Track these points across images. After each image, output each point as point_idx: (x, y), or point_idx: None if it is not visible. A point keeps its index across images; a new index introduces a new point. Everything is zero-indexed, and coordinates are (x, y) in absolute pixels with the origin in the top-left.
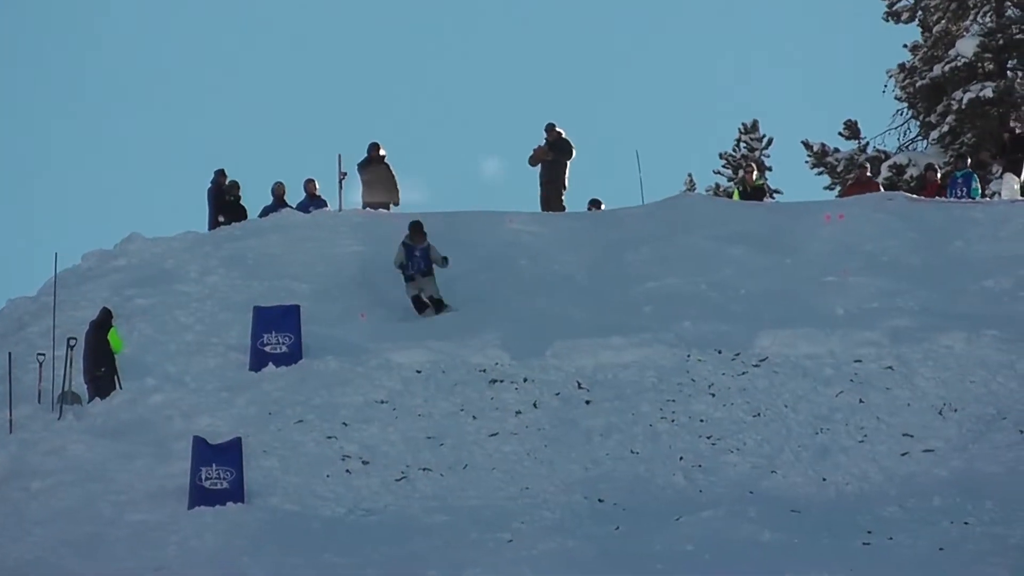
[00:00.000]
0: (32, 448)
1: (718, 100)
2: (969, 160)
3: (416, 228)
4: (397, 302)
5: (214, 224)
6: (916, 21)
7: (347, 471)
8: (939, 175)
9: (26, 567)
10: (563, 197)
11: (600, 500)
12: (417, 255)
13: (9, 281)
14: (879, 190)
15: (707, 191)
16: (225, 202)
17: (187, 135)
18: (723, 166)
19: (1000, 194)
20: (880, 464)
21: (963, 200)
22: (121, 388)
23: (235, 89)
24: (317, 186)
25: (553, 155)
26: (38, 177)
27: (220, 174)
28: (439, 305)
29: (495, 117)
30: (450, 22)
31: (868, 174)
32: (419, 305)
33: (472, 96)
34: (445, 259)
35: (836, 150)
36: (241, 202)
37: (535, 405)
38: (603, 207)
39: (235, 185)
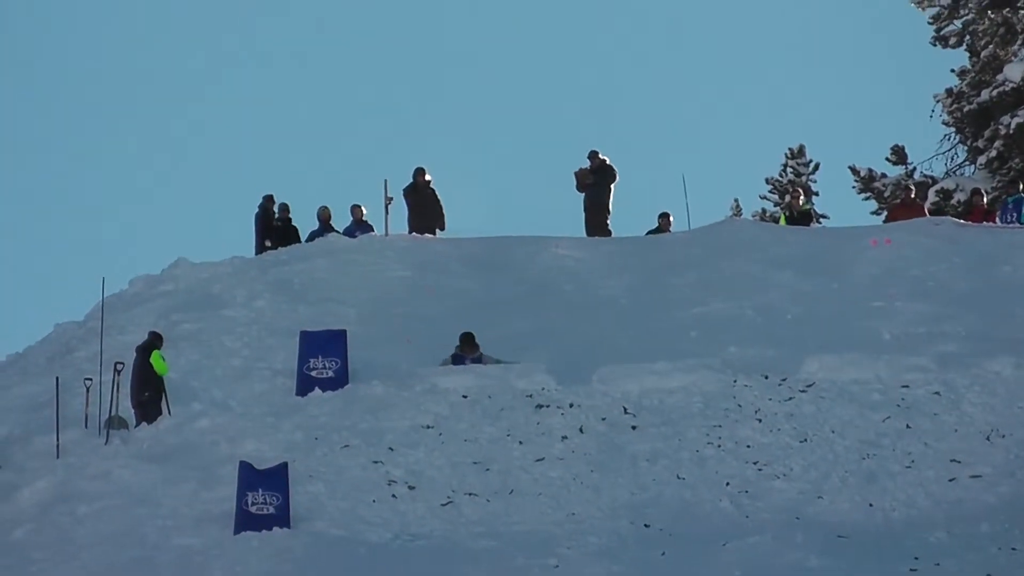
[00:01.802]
0: (79, 473)
1: (765, 125)
2: (1021, 185)
3: (467, 340)
4: (443, 327)
5: (261, 249)
6: (964, 46)
7: (393, 496)
8: (986, 200)
9: None
10: (608, 222)
11: (646, 525)
12: (467, 364)
13: (57, 306)
14: (924, 212)
15: (753, 216)
16: (273, 227)
17: (234, 160)
18: (769, 191)
19: None
20: (927, 490)
21: (1012, 226)
22: (170, 414)
23: (282, 114)
24: (364, 211)
25: (596, 179)
26: (86, 202)
27: (268, 199)
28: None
29: (541, 142)
30: (495, 50)
31: (913, 196)
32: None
33: (518, 121)
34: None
35: (883, 175)
36: (292, 223)
37: (581, 430)
38: (671, 219)
39: (285, 207)
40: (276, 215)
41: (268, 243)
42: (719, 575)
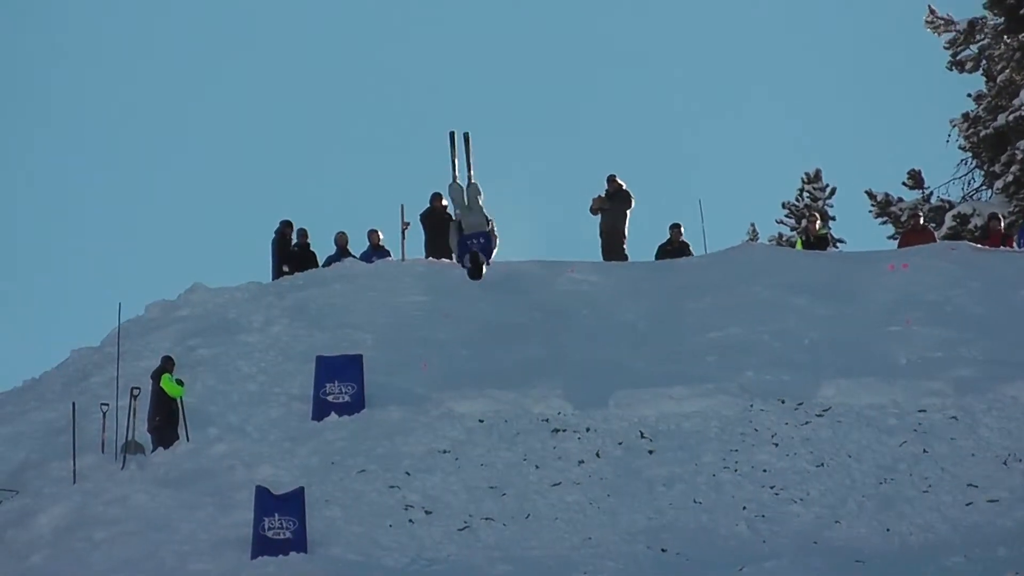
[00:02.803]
0: (95, 498)
1: (781, 150)
2: None
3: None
4: (459, 352)
5: (278, 274)
6: (980, 70)
7: (410, 520)
8: (1003, 224)
9: None
10: (624, 247)
11: (663, 550)
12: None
13: (73, 331)
14: (934, 238)
15: (770, 240)
16: (290, 252)
17: (251, 185)
18: (786, 215)
19: None
20: (944, 514)
21: None
22: (188, 439)
23: (298, 139)
24: (380, 236)
25: (612, 204)
26: (102, 227)
27: (285, 224)
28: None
29: (556, 166)
30: (508, 73)
31: (922, 221)
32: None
33: (533, 145)
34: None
35: (900, 199)
36: (310, 248)
37: (598, 455)
38: (683, 229)
39: (303, 232)
40: (294, 240)
41: (285, 268)
42: None
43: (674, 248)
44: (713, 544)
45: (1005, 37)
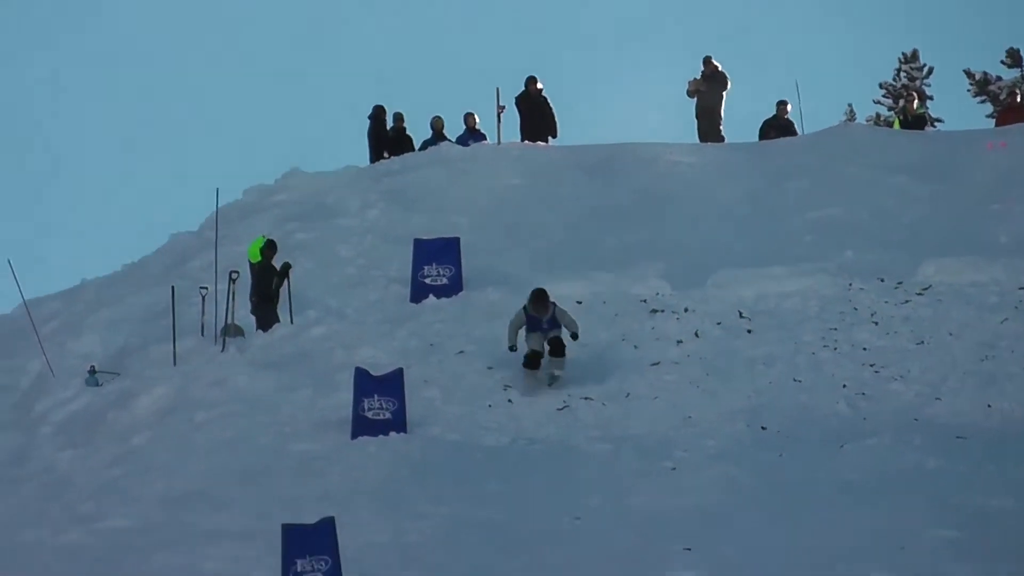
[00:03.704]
0: (196, 380)
1: (878, 29)
2: None
3: (539, 298)
4: (556, 234)
5: (375, 158)
6: None
7: (509, 401)
8: None
9: (191, 498)
10: (721, 128)
11: (763, 428)
12: (545, 327)
13: (172, 216)
14: None
15: (867, 121)
16: (387, 136)
17: (347, 69)
18: (883, 95)
19: None
20: None
21: None
22: (292, 322)
23: (396, 22)
24: (476, 119)
25: (708, 86)
26: (200, 112)
27: (381, 109)
28: (558, 350)
29: (652, 49)
30: None
31: (1020, 99)
32: (532, 362)
33: (628, 27)
34: (575, 335)
35: (998, 78)
36: (406, 132)
37: (696, 335)
38: (789, 107)
39: (399, 116)
40: (390, 125)
41: (386, 154)
42: (836, 477)
43: (779, 125)
44: (813, 422)
45: None
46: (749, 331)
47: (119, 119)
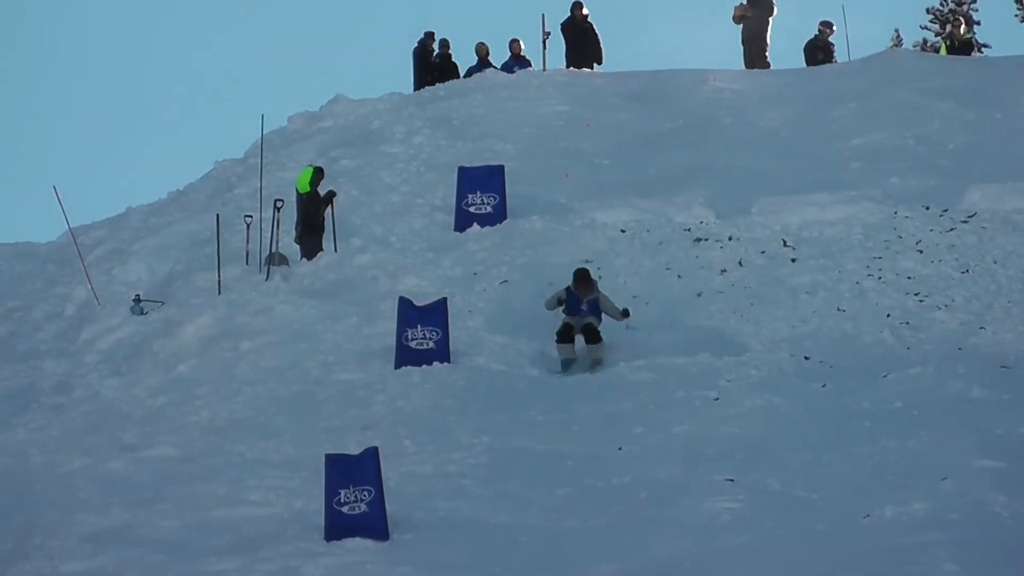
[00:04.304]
0: (240, 309)
1: None
2: None
3: (582, 278)
4: (601, 161)
5: (420, 84)
6: None
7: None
8: None
9: (236, 426)
10: (767, 54)
11: (806, 358)
12: (584, 309)
13: (217, 143)
14: None
15: (914, 46)
16: (432, 63)
17: None
18: (930, 21)
19: None
20: None
21: None
22: (336, 251)
23: None
24: (522, 46)
25: (754, 12)
26: (244, 39)
27: (427, 36)
28: (593, 337)
29: None
30: None
31: None
32: (564, 334)
33: None
34: (626, 311)
35: None
36: (452, 59)
37: (740, 263)
38: (834, 28)
39: (445, 43)
40: (435, 51)
41: (431, 78)
42: (880, 406)
43: (821, 46)
44: (857, 352)
45: None
46: (793, 260)
47: (165, 46)
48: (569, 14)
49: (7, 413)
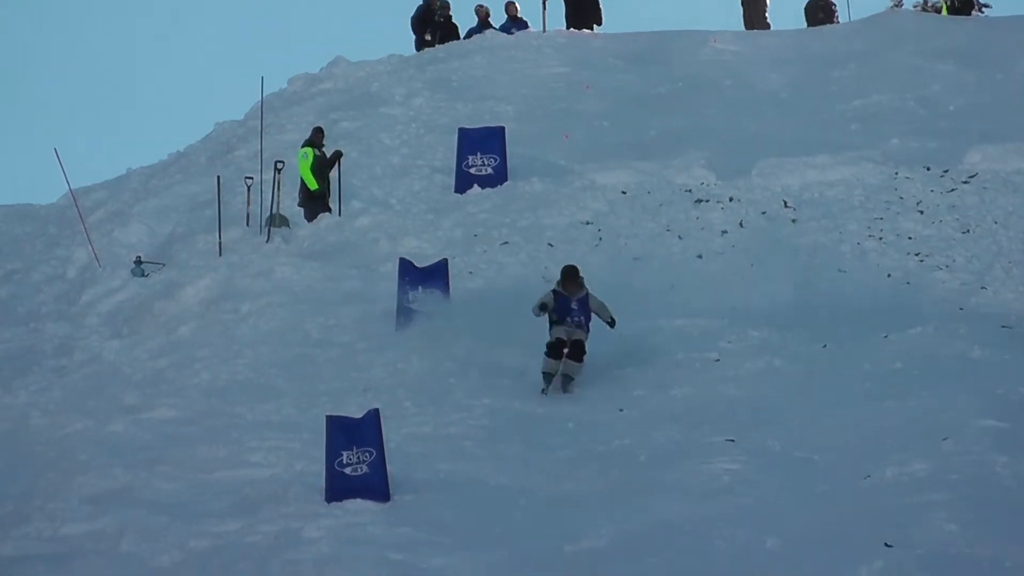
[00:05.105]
0: (241, 271)
1: None
2: None
3: (570, 275)
4: (601, 123)
5: (421, 45)
6: None
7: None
8: None
9: (236, 388)
10: (767, 15)
11: (808, 319)
12: (575, 308)
13: (217, 105)
14: None
15: (915, 7)
16: (432, 24)
17: None
18: None
19: None
20: None
21: None
22: (340, 214)
23: None
24: (518, 8)
25: None
26: (245, 1)
27: None
28: (577, 353)
29: None
30: None
31: None
32: (553, 351)
33: None
34: (612, 320)
35: None
36: (452, 20)
37: (741, 224)
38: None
39: (446, 4)
40: (436, 12)
41: (428, 36)
42: (881, 367)
43: (822, 6)
44: (857, 312)
45: None
46: (794, 220)
47: (165, 7)
48: None
49: (8, 376)
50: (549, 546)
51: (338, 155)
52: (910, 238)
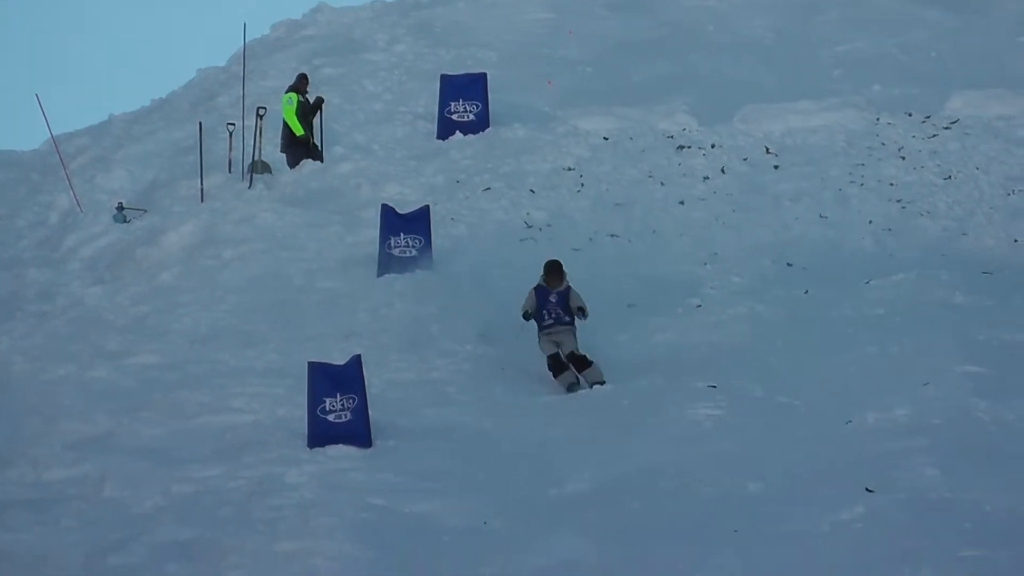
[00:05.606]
0: (223, 217)
1: None
2: None
3: (553, 269)
4: (585, 69)
5: None
6: None
7: (534, 240)
8: None
9: (219, 334)
10: None
11: (789, 264)
12: (553, 301)
13: (199, 51)
14: None
15: None
16: None
17: None
18: None
19: None
20: None
21: None
22: (323, 161)
23: None
24: None
25: None
26: None
27: None
28: (583, 363)
29: None
30: None
31: None
32: (557, 366)
33: None
34: (583, 310)
35: None
36: None
37: (723, 171)
38: None
39: None
40: None
41: None
42: (863, 313)
43: None
44: (839, 258)
45: None
46: (776, 167)
47: None
48: None
49: None
50: (533, 491)
51: (320, 101)
52: (892, 184)
